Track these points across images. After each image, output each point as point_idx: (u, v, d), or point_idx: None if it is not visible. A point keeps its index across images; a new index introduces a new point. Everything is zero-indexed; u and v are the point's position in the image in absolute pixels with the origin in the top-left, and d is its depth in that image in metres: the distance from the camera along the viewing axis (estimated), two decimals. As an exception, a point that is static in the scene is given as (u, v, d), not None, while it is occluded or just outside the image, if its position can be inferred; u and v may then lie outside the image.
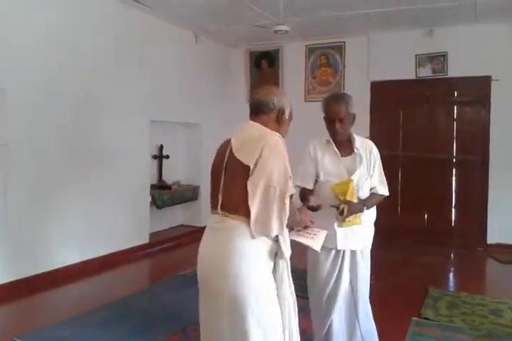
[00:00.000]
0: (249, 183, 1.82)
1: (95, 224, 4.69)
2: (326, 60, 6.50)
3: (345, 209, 2.36)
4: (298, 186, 2.61)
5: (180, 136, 6.64)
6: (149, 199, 5.55)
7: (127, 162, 5.11)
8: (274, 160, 1.84)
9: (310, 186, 2.62)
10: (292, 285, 2.00)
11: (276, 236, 1.88)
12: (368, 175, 2.56)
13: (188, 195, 6.24)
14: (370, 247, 2.67)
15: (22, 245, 3.99)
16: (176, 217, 6.55)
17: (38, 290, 3.96)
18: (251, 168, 1.83)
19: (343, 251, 2.55)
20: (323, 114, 2.57)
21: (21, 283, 3.93)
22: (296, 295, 1.97)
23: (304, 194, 2.58)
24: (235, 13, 5.28)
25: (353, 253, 2.57)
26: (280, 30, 4.89)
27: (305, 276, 2.71)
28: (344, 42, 6.35)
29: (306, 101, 6.51)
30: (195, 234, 6.04)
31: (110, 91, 4.83)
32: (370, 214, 2.62)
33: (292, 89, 6.36)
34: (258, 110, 2.05)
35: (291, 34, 5.62)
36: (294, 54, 6.64)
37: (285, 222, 1.82)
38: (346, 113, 2.50)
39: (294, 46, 6.63)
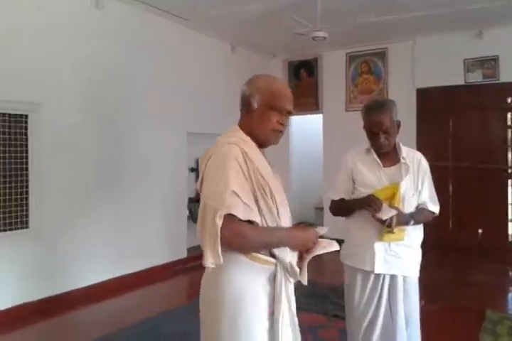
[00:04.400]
0: None
1: (131, 238, 4.63)
2: (367, 68, 6.27)
3: (394, 219, 2.07)
4: (332, 199, 2.43)
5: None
6: (186, 212, 5.46)
7: (164, 175, 5.06)
8: (209, 171, 1.52)
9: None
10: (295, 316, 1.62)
11: (273, 256, 1.54)
12: (416, 190, 2.27)
13: (226, 208, 6.10)
14: (418, 275, 2.33)
15: (56, 260, 3.96)
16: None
17: (71, 307, 3.90)
18: (198, 186, 1.60)
19: (383, 277, 2.24)
20: (362, 123, 2.31)
21: (54, 299, 3.89)
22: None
23: (337, 207, 2.39)
24: (272, 22, 5.20)
25: (394, 278, 2.24)
26: (318, 36, 4.77)
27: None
28: (387, 48, 6.11)
29: (347, 110, 6.33)
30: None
31: (147, 102, 4.81)
32: (416, 235, 2.32)
33: (332, 98, 6.20)
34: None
35: (330, 41, 5.46)
36: (334, 62, 6.48)
37: (218, 248, 1.41)
38: (391, 123, 2.20)
39: (333, 54, 6.48)
